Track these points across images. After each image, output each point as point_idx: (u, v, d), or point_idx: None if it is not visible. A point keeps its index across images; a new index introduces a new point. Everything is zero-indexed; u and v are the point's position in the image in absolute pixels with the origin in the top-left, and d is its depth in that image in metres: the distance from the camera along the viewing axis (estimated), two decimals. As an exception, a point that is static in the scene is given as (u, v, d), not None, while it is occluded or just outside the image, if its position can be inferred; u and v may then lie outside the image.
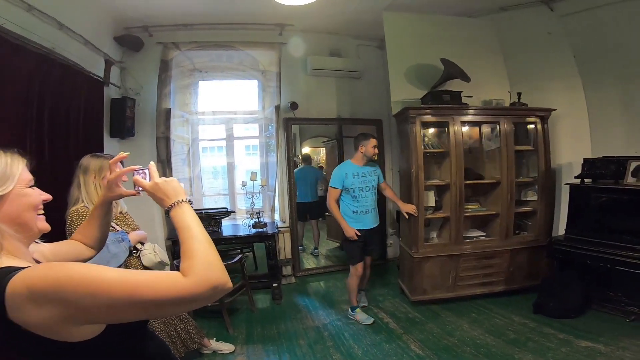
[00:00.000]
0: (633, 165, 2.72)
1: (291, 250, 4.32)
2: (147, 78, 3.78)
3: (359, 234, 2.75)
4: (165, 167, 3.59)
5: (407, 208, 2.94)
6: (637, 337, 2.33)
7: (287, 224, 4.35)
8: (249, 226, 3.58)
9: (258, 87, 4.55)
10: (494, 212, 3.14)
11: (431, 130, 3.29)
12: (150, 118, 3.73)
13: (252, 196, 3.72)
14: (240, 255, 3.10)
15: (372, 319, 2.86)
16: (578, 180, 3.11)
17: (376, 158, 3.01)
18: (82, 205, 1.70)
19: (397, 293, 3.40)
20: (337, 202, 2.84)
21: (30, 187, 0.73)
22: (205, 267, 0.63)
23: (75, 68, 2.64)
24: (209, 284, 0.62)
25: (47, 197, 0.76)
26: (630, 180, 2.72)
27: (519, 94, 3.26)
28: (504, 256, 3.10)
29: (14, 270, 0.59)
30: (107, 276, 0.59)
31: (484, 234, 3.21)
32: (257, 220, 3.57)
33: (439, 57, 3.46)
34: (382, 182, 2.97)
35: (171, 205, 0.77)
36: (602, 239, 2.76)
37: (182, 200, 0.77)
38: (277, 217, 4.37)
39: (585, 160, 3.10)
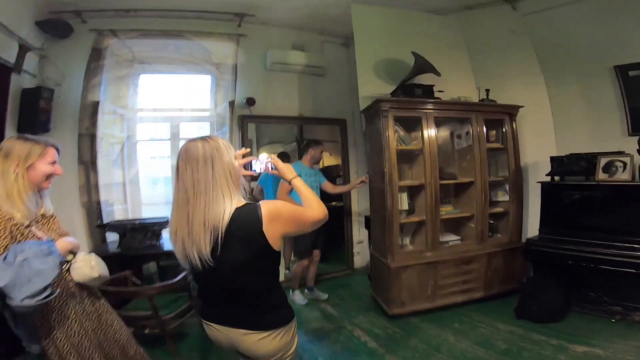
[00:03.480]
0: (603, 161, 2.70)
1: None
2: (73, 67, 3.15)
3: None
4: (89, 169, 2.94)
5: (357, 182, 3.04)
6: (630, 337, 2.22)
7: None
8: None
9: (211, 81, 4.06)
10: (469, 214, 2.97)
11: (402, 127, 3.04)
12: (73, 112, 3.07)
13: None
14: (184, 273, 2.57)
15: (307, 300, 3.19)
16: (548, 178, 3.09)
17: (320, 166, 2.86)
18: None
19: (371, 306, 3.07)
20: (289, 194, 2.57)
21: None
22: (317, 207, 1.18)
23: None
24: (323, 213, 1.18)
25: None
26: (601, 176, 2.69)
27: (487, 91, 3.17)
28: (481, 261, 2.93)
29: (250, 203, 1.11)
30: (295, 208, 1.16)
31: (459, 237, 3.02)
32: None
33: (407, 52, 3.29)
34: (323, 183, 3.14)
35: (293, 178, 1.27)
36: (578, 237, 2.67)
37: (295, 176, 1.27)
38: None
39: (552, 157, 3.07)
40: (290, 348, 1.18)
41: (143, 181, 3.78)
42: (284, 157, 4.06)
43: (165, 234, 3.02)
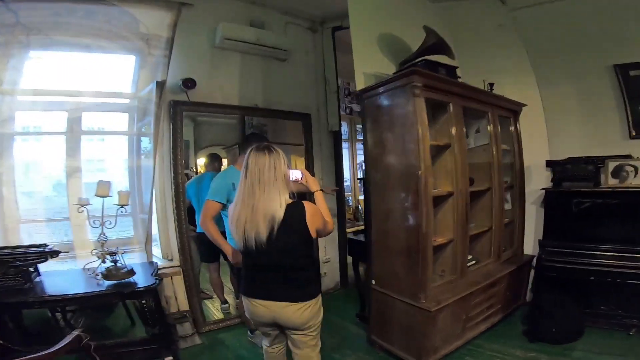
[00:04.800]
0: (611, 165, 2.54)
1: (187, 299, 2.77)
2: None
3: None
4: None
5: (326, 189, 2.35)
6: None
7: (176, 261, 2.76)
8: (97, 275, 1.95)
9: (136, 60, 2.83)
10: (486, 228, 2.49)
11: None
12: None
13: (102, 224, 2.01)
14: (77, 333, 1.42)
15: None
16: (543, 184, 2.87)
17: None
18: None
19: (362, 346, 2.40)
20: (214, 220, 2.05)
21: None
22: (331, 221, 1.49)
23: None
24: (332, 228, 1.52)
25: None
26: (611, 181, 2.52)
27: (492, 85, 2.78)
28: (503, 281, 2.47)
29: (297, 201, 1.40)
30: (325, 213, 1.46)
31: (470, 256, 2.52)
32: (112, 264, 1.96)
33: (403, 31, 2.71)
34: None
35: (316, 191, 1.52)
36: (590, 249, 2.45)
37: (319, 189, 1.53)
38: (158, 252, 2.74)
39: (550, 162, 2.86)
40: (319, 317, 1.47)
41: (22, 190, 2.36)
42: (214, 159, 3.15)
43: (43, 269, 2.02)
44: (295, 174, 1.47)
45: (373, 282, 2.35)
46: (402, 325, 2.11)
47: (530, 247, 2.99)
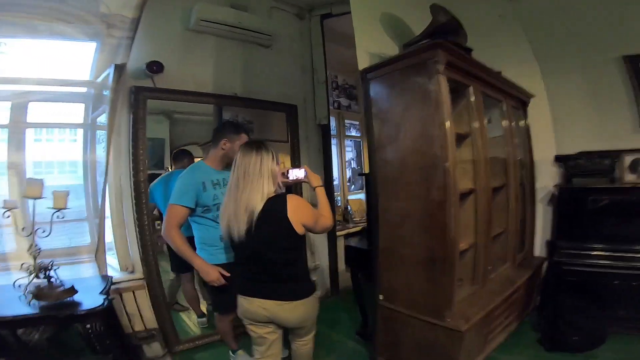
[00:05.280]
0: (628, 159, 2.37)
1: (154, 315, 2.32)
2: None
3: (228, 275, 1.68)
4: None
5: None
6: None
7: (139, 273, 2.32)
8: (26, 293, 1.53)
9: (96, 47, 2.35)
10: (502, 229, 2.22)
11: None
12: None
13: (33, 231, 1.54)
14: None
15: None
16: (552, 180, 2.67)
17: None
18: None
19: None
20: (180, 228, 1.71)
21: None
22: (328, 215, 1.46)
23: None
24: (331, 221, 1.48)
25: None
26: (629, 177, 2.35)
27: (499, 73, 2.53)
28: (522, 288, 2.22)
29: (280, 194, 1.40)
30: (313, 209, 1.43)
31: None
32: (45, 280, 1.55)
33: (406, 12, 2.42)
34: None
35: (317, 186, 1.52)
36: (611, 250, 2.27)
37: (320, 185, 1.54)
38: (115, 263, 2.32)
39: (563, 156, 2.67)
40: (313, 316, 1.47)
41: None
42: (182, 155, 2.77)
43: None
44: (296, 174, 1.53)
45: (380, 297, 1.99)
46: (419, 347, 1.78)
47: (537, 248, 2.79)
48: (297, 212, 1.35)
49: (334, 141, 4.13)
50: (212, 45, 2.80)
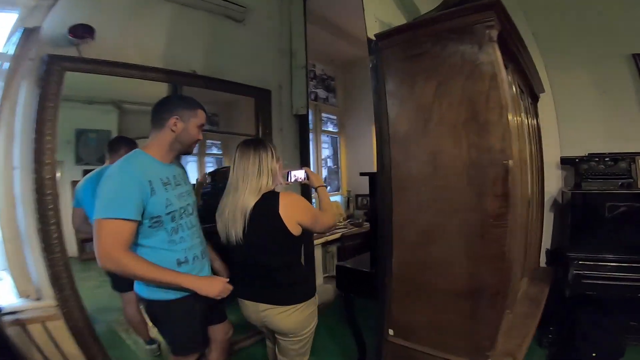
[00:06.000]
0: (645, 162, 2.16)
1: (79, 348, 1.76)
2: None
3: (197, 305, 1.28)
4: None
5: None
6: None
7: (49, 299, 1.71)
8: None
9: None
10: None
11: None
12: None
13: None
14: None
15: None
16: (557, 184, 2.42)
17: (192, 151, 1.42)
18: None
19: None
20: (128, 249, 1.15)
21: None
22: (330, 213, 1.41)
23: None
24: (333, 220, 1.42)
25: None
26: (647, 181, 2.14)
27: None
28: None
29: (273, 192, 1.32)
30: (311, 206, 1.39)
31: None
32: None
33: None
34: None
35: (319, 186, 1.48)
36: (628, 262, 2.03)
37: (321, 185, 1.49)
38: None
39: (571, 159, 2.41)
40: (309, 325, 1.36)
41: None
42: (118, 144, 2.02)
43: None
44: (298, 175, 1.52)
45: (390, 332, 1.53)
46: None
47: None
48: (290, 209, 1.28)
49: (310, 136, 3.61)
50: (168, 13, 2.18)
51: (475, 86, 1.18)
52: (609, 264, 2.06)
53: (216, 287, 1.23)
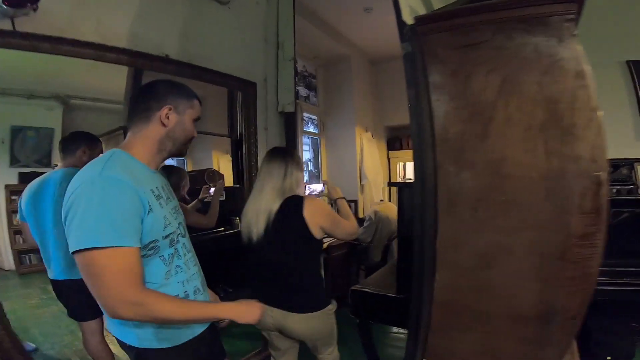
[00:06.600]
0: (642, 169, 2.18)
1: None
2: None
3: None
4: None
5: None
6: None
7: None
8: None
9: None
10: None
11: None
12: None
13: None
14: None
15: None
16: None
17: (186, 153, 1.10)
18: None
19: None
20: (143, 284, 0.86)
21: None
22: (352, 220, 1.46)
23: None
24: (354, 228, 1.46)
25: None
26: (646, 187, 2.16)
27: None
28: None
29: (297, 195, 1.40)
30: (335, 212, 1.45)
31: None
32: None
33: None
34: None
35: (338, 198, 1.57)
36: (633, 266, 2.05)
37: (340, 197, 1.59)
38: None
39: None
40: (326, 333, 1.38)
41: None
42: (76, 142, 1.80)
43: None
44: (316, 188, 1.78)
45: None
46: None
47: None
48: (314, 211, 1.33)
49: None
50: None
51: (556, 84, 0.99)
52: (615, 268, 2.07)
53: (256, 312, 1.04)
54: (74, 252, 0.78)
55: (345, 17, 3.26)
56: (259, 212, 1.32)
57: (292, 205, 1.32)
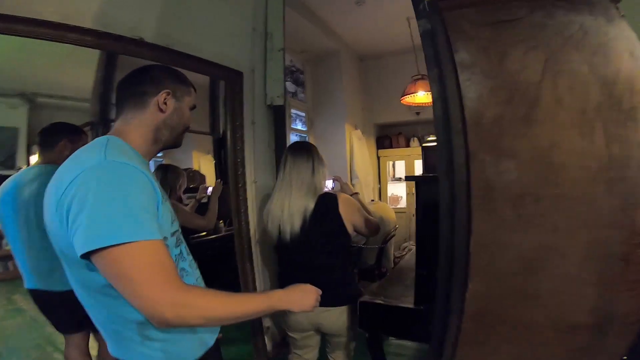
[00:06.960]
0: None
1: None
2: None
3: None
4: None
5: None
6: None
7: None
8: None
9: None
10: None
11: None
12: None
13: None
14: None
15: None
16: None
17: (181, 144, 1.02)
18: None
19: None
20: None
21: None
22: (376, 221, 1.50)
23: None
24: (379, 228, 1.48)
25: None
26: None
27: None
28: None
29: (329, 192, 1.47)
30: (362, 209, 1.48)
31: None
32: None
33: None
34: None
35: (352, 194, 1.55)
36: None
37: (356, 192, 1.64)
38: None
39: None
40: (356, 326, 1.43)
41: None
42: (58, 134, 1.67)
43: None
44: (328, 185, 1.63)
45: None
46: None
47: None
48: (348, 209, 1.38)
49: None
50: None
51: (609, 65, 0.86)
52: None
53: (312, 298, 1.00)
54: (87, 254, 0.64)
55: (336, 9, 3.11)
56: (292, 211, 1.33)
57: (328, 202, 1.36)
